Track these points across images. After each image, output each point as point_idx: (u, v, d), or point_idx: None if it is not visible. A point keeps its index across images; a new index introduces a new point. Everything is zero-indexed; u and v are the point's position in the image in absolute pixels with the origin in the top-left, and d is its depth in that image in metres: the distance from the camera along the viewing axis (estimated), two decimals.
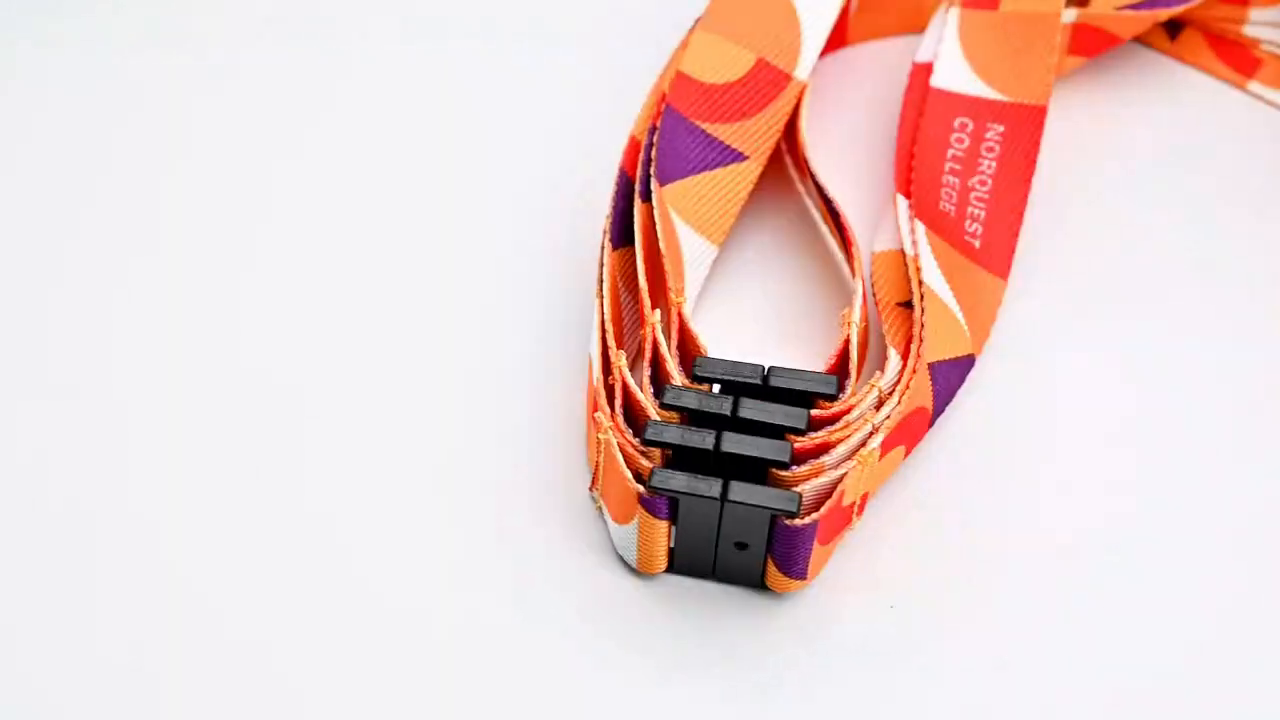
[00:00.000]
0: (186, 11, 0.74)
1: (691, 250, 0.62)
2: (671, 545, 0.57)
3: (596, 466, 0.57)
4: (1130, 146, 0.70)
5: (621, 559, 0.58)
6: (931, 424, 0.60)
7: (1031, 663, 0.57)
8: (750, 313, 0.64)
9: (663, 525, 0.56)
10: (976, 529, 0.60)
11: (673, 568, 0.58)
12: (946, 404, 0.61)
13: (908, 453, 0.60)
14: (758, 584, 0.57)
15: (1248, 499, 0.61)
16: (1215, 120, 0.71)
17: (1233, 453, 0.62)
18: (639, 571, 0.58)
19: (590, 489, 0.59)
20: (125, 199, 0.68)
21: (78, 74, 0.72)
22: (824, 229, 0.65)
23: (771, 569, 0.57)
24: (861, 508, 0.58)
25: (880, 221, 0.65)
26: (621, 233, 0.61)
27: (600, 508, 0.58)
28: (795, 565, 0.56)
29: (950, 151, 0.66)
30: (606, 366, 0.58)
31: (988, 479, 0.61)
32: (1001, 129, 0.66)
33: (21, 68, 0.72)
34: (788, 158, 0.66)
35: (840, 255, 0.64)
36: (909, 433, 0.59)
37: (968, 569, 0.59)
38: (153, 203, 0.67)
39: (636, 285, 0.60)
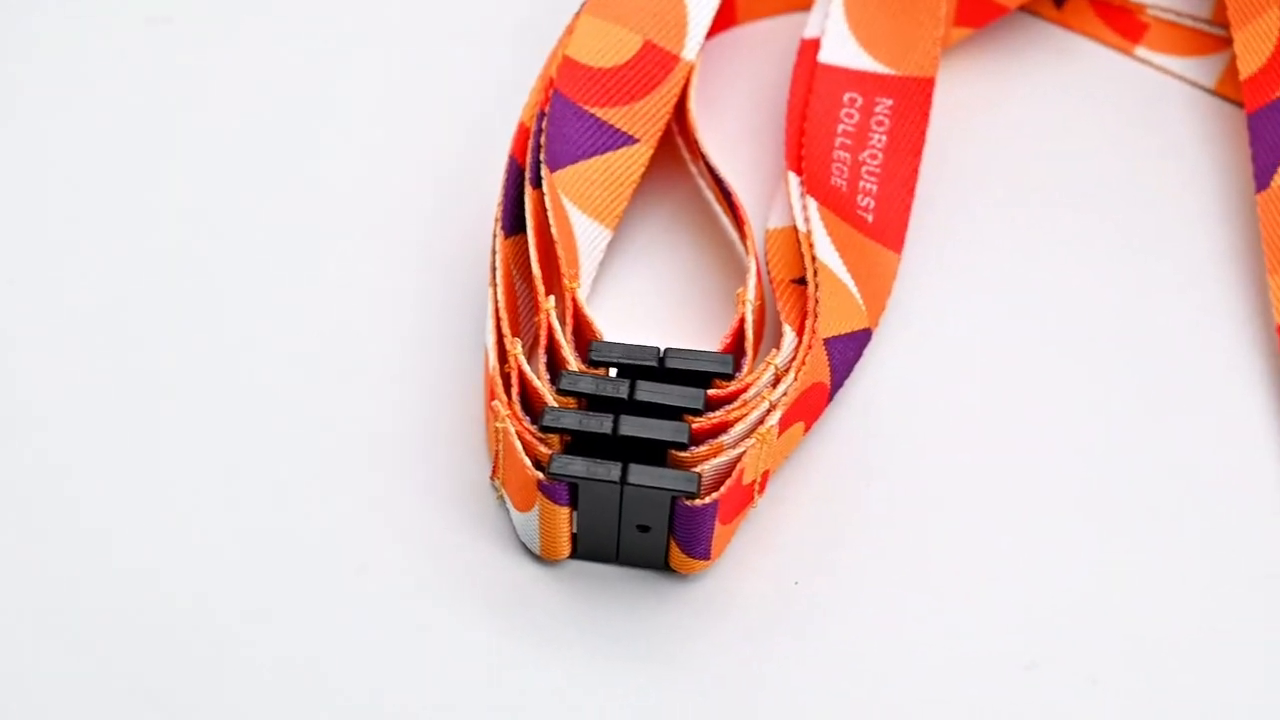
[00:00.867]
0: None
1: (585, 235, 0.62)
2: (574, 531, 0.57)
3: (496, 455, 0.57)
4: (1020, 115, 0.70)
5: (525, 547, 0.58)
6: (830, 399, 0.60)
7: (938, 633, 0.57)
8: (646, 295, 0.64)
9: (564, 511, 0.56)
10: (879, 502, 0.60)
11: (576, 553, 0.58)
12: (845, 378, 0.61)
13: (808, 428, 0.60)
14: (662, 566, 0.57)
15: (1156, 459, 0.61)
16: (1104, 86, 0.71)
17: (1133, 410, 0.62)
18: (543, 559, 0.58)
19: (491, 478, 0.59)
20: None
21: None
22: (717, 209, 0.65)
23: (674, 550, 0.57)
24: (763, 485, 0.58)
25: (773, 199, 0.66)
26: (513, 220, 0.61)
27: (502, 496, 0.58)
28: (698, 545, 0.56)
29: (840, 127, 0.66)
30: (502, 355, 0.57)
31: (889, 452, 0.61)
32: (890, 103, 0.66)
33: None
34: (679, 139, 0.66)
35: (734, 234, 0.64)
36: (808, 408, 0.59)
37: (872, 542, 0.59)
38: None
39: (530, 273, 0.60)
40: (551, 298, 0.58)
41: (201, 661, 0.56)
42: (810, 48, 0.67)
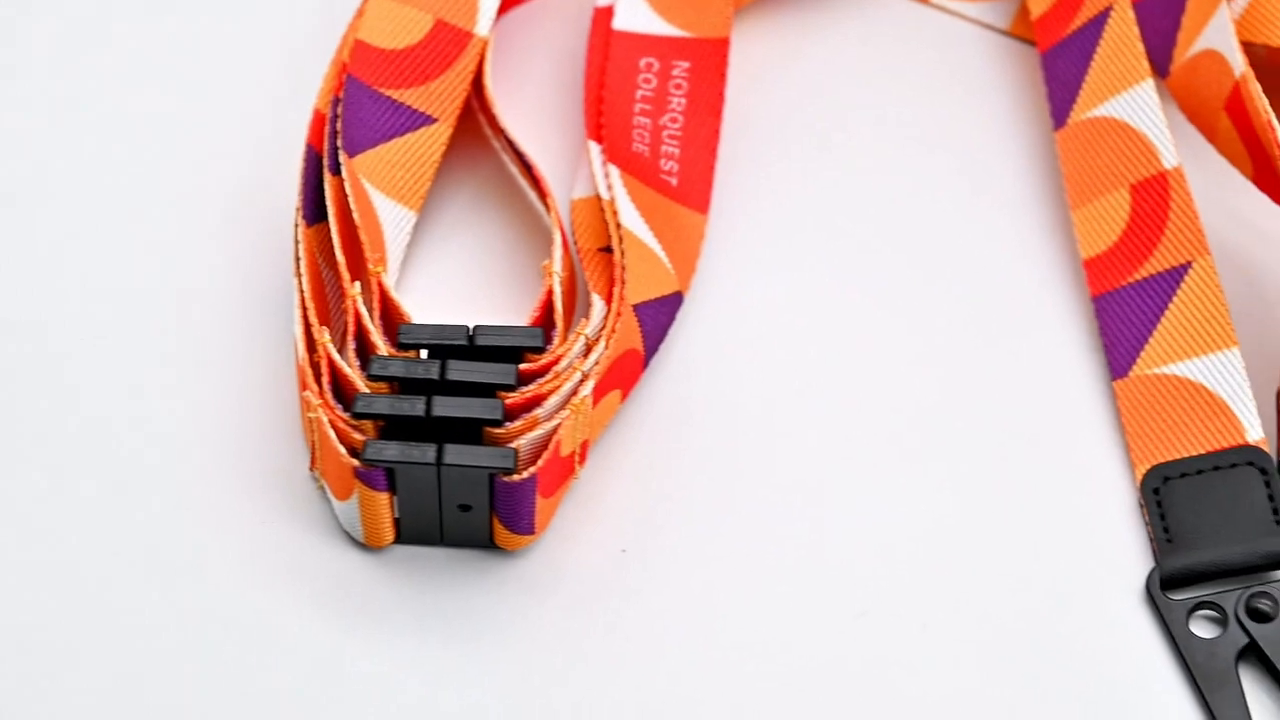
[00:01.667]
0: None
1: (389, 218, 0.62)
2: (396, 516, 0.57)
3: (312, 446, 0.57)
4: (818, 69, 0.70)
5: (349, 535, 0.58)
6: (646, 365, 0.61)
7: (768, 589, 0.57)
8: (457, 275, 0.64)
9: (383, 497, 0.55)
10: (701, 466, 0.60)
11: (400, 538, 0.58)
12: (659, 343, 0.61)
13: (624, 396, 0.60)
14: (487, 544, 0.57)
15: (976, 404, 0.61)
16: (900, 35, 0.72)
17: (950, 356, 0.63)
18: (367, 546, 0.57)
19: (310, 469, 0.58)
20: None
21: None
22: (522, 183, 0.65)
23: (498, 527, 0.56)
24: (583, 456, 0.58)
25: (577, 169, 0.65)
26: (314, 209, 0.61)
27: (322, 486, 0.58)
28: (521, 521, 0.56)
29: (639, 93, 0.66)
30: (310, 344, 0.57)
31: (708, 415, 0.61)
32: (687, 65, 0.66)
33: None
34: (479, 116, 0.66)
35: (541, 208, 0.64)
36: (622, 376, 0.59)
37: (697, 504, 0.59)
38: None
39: (335, 260, 0.59)
40: (357, 284, 0.57)
41: (26, 662, 0.55)
42: (604, 15, 0.67)
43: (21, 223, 0.64)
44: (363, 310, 0.57)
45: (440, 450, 0.54)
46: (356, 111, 0.62)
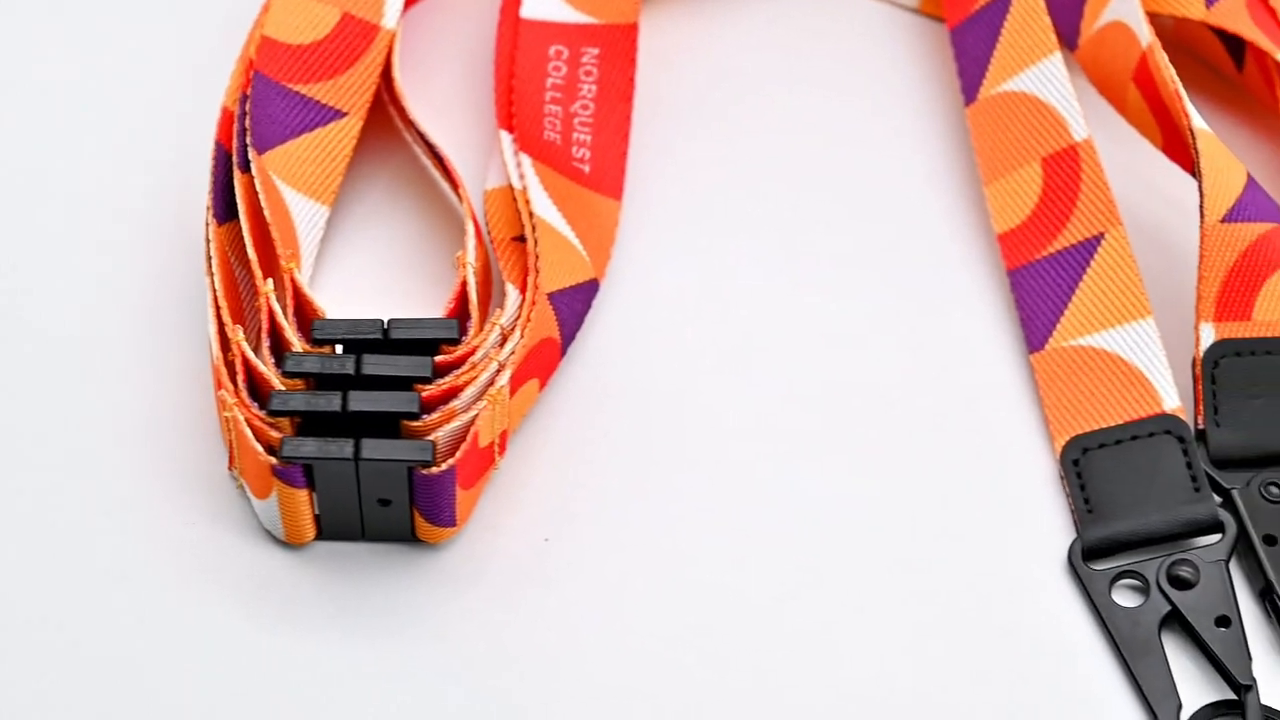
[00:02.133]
0: None
1: (301, 214, 0.62)
2: (316, 512, 0.56)
3: (230, 445, 0.57)
4: (729, 52, 0.71)
5: (270, 534, 0.57)
6: (563, 353, 0.60)
7: (688, 575, 0.57)
8: (372, 268, 0.64)
9: (302, 494, 0.55)
10: (622, 452, 0.60)
11: (322, 535, 0.57)
12: (575, 331, 0.61)
13: (543, 385, 0.60)
14: (409, 538, 0.57)
15: (892, 382, 0.62)
16: (810, 16, 0.72)
17: (867, 335, 0.63)
18: (289, 544, 0.57)
19: (228, 468, 0.58)
20: None
21: None
22: (435, 175, 0.65)
23: (419, 520, 0.56)
24: (503, 447, 0.58)
25: (489, 160, 0.65)
26: (225, 207, 0.60)
27: (241, 486, 0.57)
28: (441, 514, 0.56)
29: (549, 80, 0.66)
30: (224, 343, 0.57)
31: (627, 401, 0.61)
32: (596, 52, 0.66)
33: None
34: (390, 109, 0.66)
35: (454, 199, 0.64)
36: (540, 365, 0.59)
37: (618, 492, 0.59)
38: None
39: (248, 258, 0.59)
40: (270, 281, 0.57)
41: None
42: (512, 5, 0.67)
43: None
44: (276, 307, 0.57)
45: (358, 445, 0.54)
46: (265, 108, 0.62)
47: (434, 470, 0.54)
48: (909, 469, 0.60)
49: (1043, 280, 0.63)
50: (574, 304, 0.60)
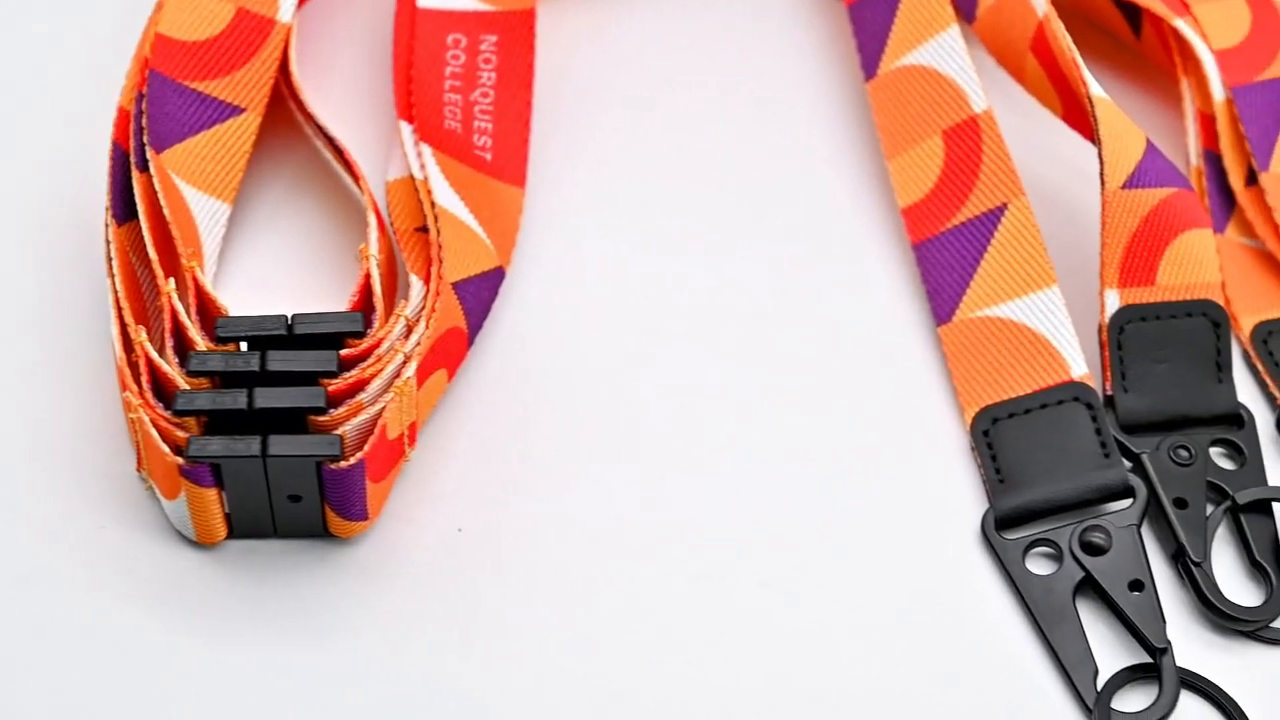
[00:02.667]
0: None
1: (202, 212, 0.61)
2: (227, 511, 0.56)
3: (138, 446, 0.56)
4: (630, 35, 0.70)
5: (182, 534, 0.57)
6: (471, 343, 0.60)
7: (606, 560, 0.57)
8: (276, 264, 0.64)
9: (211, 493, 0.55)
10: (533, 440, 0.60)
11: (234, 533, 0.57)
12: (482, 320, 0.61)
13: (451, 375, 0.60)
14: (321, 533, 0.57)
15: (806, 364, 0.62)
16: (710, 1, 0.71)
17: (779, 315, 0.63)
18: (201, 543, 0.57)
19: (137, 470, 0.57)
20: None
21: None
22: (337, 168, 0.64)
23: (331, 515, 0.56)
24: (412, 438, 0.58)
25: (390, 151, 0.65)
26: (124, 207, 0.60)
27: (150, 487, 0.57)
28: (353, 508, 0.55)
29: (448, 70, 0.65)
30: (128, 344, 0.56)
31: (538, 389, 0.61)
32: (495, 39, 0.66)
33: None
34: (290, 103, 0.65)
35: (356, 191, 0.63)
36: (447, 355, 0.58)
37: (531, 479, 0.59)
38: None
39: (149, 258, 0.58)
40: (171, 280, 0.57)
41: None
42: None
43: None
44: (178, 306, 0.56)
45: (265, 442, 0.54)
46: (161, 106, 0.61)
47: (343, 464, 0.54)
48: (821, 447, 0.60)
49: (948, 253, 0.63)
50: (480, 293, 0.60)
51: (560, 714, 0.54)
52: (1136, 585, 0.56)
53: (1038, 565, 0.57)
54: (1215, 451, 0.60)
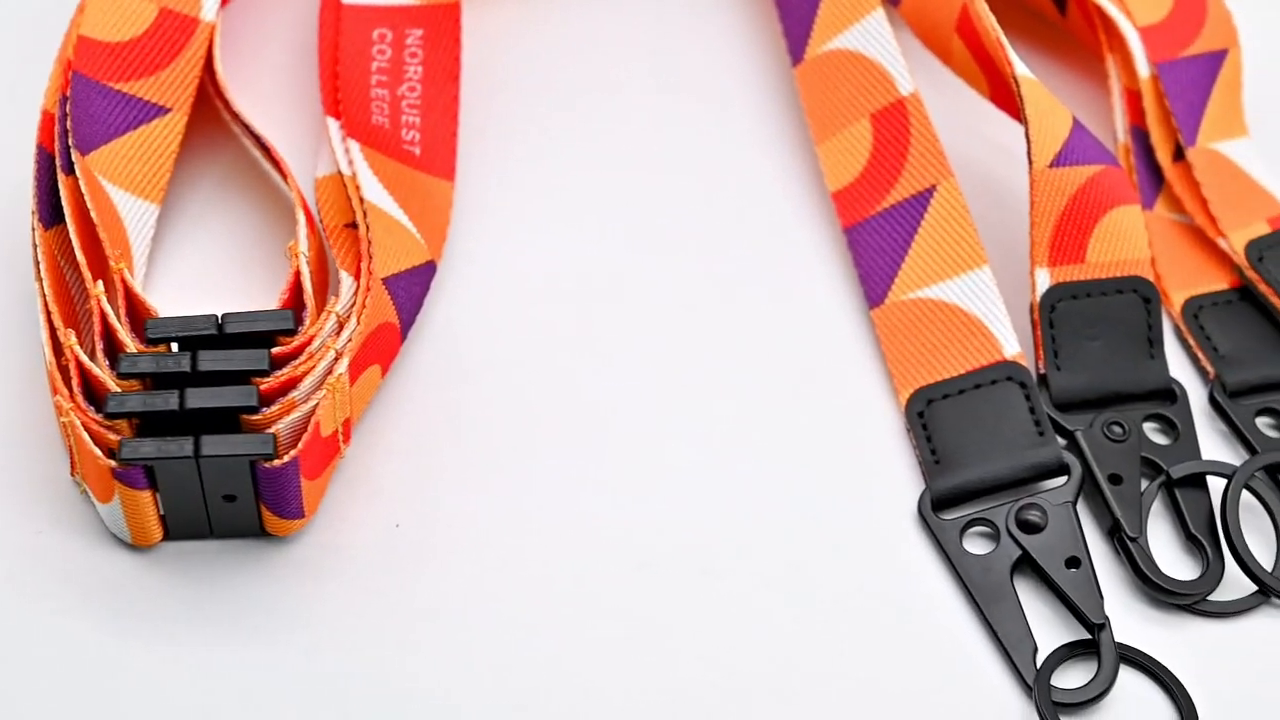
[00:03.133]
0: None
1: (130, 214, 0.61)
2: (162, 513, 0.56)
3: (71, 450, 0.56)
4: (559, 26, 0.70)
5: (118, 538, 0.57)
6: (403, 337, 0.60)
7: (545, 552, 0.57)
8: (206, 264, 0.63)
9: (145, 495, 0.55)
10: (468, 433, 0.60)
11: (169, 535, 0.57)
12: (414, 315, 0.60)
13: (385, 371, 0.60)
14: (258, 532, 0.57)
15: (741, 351, 0.62)
16: None
17: (714, 303, 0.63)
18: (137, 546, 0.57)
19: (71, 474, 0.57)
20: None
21: None
22: (265, 166, 0.64)
23: (267, 514, 0.56)
24: (347, 435, 0.57)
25: (319, 148, 0.65)
26: (51, 211, 0.60)
27: (85, 491, 0.57)
28: (288, 506, 0.55)
29: (374, 65, 0.65)
30: (57, 348, 0.56)
31: (472, 382, 0.61)
32: (420, 33, 0.66)
33: None
34: (216, 101, 0.65)
35: (285, 188, 0.63)
36: (379, 351, 0.58)
37: (468, 473, 0.59)
38: None
39: (77, 261, 0.58)
40: (100, 283, 0.56)
41: None
42: None
43: None
44: (108, 309, 0.56)
45: (197, 443, 0.54)
46: (86, 108, 0.61)
47: (276, 463, 0.54)
48: (756, 432, 0.60)
49: (878, 236, 0.63)
50: (411, 287, 0.60)
51: (502, 705, 0.54)
52: (1073, 562, 0.57)
53: (975, 545, 0.58)
54: (1149, 427, 0.60)
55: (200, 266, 0.63)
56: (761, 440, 0.60)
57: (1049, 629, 0.56)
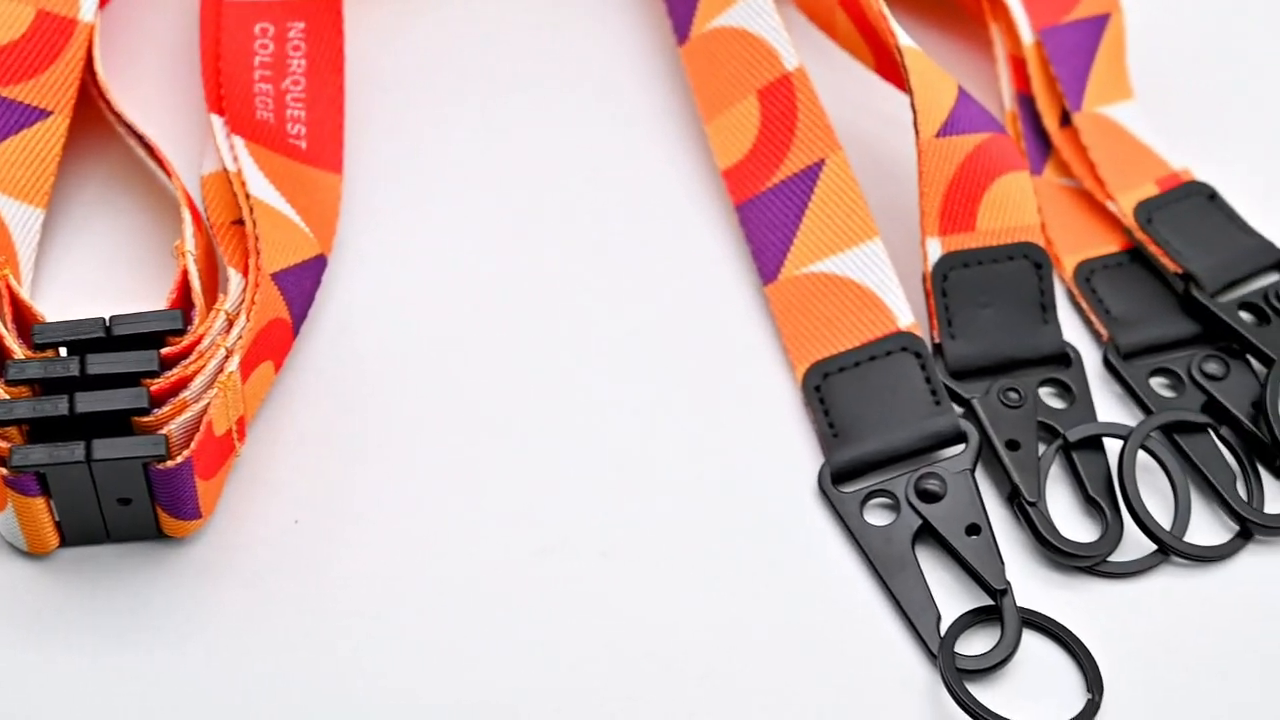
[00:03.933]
0: None
1: (14, 219, 0.60)
2: (57, 519, 0.55)
3: None
4: (441, 16, 0.70)
5: (14, 546, 0.56)
6: (296, 333, 0.60)
7: (445, 542, 0.57)
8: (95, 267, 0.63)
9: (39, 502, 0.54)
10: (365, 426, 0.60)
11: (66, 541, 0.56)
12: (306, 310, 0.60)
13: (278, 367, 0.59)
14: (155, 535, 0.56)
15: (639, 334, 0.62)
16: None
17: (610, 287, 0.63)
18: (33, 554, 0.56)
19: None
20: None
21: None
22: (151, 165, 0.63)
23: (164, 516, 0.56)
24: (241, 433, 0.57)
25: (204, 145, 0.64)
26: None
27: None
28: (184, 506, 0.55)
29: (257, 59, 0.65)
30: None
31: (367, 375, 0.61)
32: (303, 26, 0.66)
33: None
34: (99, 103, 0.64)
35: (171, 188, 0.63)
36: (271, 347, 0.58)
37: (366, 466, 0.59)
38: None
39: None
40: None
41: None
42: None
43: None
44: None
45: (89, 447, 0.53)
46: None
47: (170, 464, 0.53)
48: (654, 412, 0.60)
49: (769, 212, 0.63)
50: (301, 282, 0.59)
51: (406, 700, 0.54)
52: (973, 529, 0.57)
53: (875, 516, 0.58)
54: (1044, 392, 0.60)
55: (88, 270, 0.63)
56: (659, 421, 0.60)
57: (952, 597, 0.56)
